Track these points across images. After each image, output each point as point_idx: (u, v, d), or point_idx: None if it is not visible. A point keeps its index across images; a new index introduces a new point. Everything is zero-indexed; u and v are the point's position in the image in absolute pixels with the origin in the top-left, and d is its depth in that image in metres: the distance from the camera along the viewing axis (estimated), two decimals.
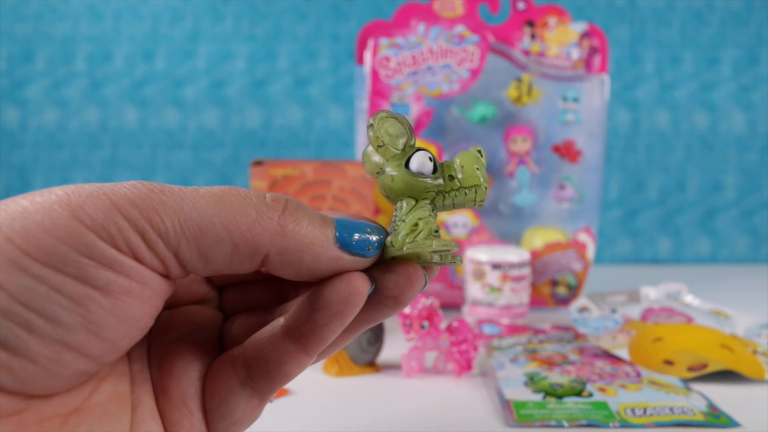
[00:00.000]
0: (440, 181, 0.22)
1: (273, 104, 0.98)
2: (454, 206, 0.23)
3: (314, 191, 0.57)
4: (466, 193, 0.22)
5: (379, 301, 0.21)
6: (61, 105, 0.96)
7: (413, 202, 0.22)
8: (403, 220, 0.22)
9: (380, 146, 0.22)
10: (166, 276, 0.19)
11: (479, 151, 0.22)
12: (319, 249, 0.20)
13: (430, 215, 0.22)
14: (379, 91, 0.64)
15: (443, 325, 0.45)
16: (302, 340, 0.21)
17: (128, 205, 0.18)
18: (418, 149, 0.22)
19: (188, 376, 0.22)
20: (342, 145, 0.98)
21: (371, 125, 0.22)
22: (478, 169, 0.22)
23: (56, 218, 0.17)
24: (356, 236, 0.21)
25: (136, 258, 0.18)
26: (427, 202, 0.22)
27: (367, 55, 0.64)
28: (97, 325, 0.18)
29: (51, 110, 0.96)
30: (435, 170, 0.22)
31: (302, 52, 0.98)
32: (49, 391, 0.18)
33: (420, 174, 0.22)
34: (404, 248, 0.21)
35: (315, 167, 0.57)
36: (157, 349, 0.23)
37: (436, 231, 0.22)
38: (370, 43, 0.64)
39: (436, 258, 0.22)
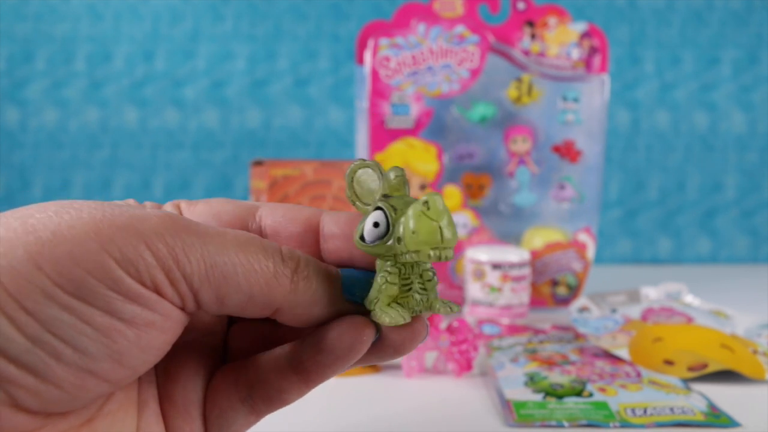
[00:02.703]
0: (391, 242, 0.21)
1: (273, 104, 0.98)
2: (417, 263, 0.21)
3: (314, 191, 0.57)
4: (415, 256, 0.20)
5: (380, 348, 0.22)
6: (61, 105, 0.96)
7: (380, 262, 0.21)
8: (376, 280, 0.21)
9: (353, 203, 0.22)
10: (182, 309, 0.20)
11: (425, 203, 0.20)
12: (326, 303, 0.21)
13: (388, 276, 0.21)
14: (379, 91, 0.64)
15: (443, 325, 0.45)
16: (304, 374, 0.22)
17: (158, 241, 0.19)
18: (377, 208, 0.21)
19: (193, 384, 0.23)
20: (342, 146, 0.98)
21: (347, 179, 0.22)
22: (414, 232, 0.20)
23: (87, 251, 0.18)
24: (361, 291, 0.22)
25: (159, 293, 0.19)
26: (390, 263, 0.21)
27: (367, 55, 0.64)
28: (120, 355, 0.19)
29: (51, 110, 0.96)
30: (388, 230, 0.21)
31: (302, 52, 0.98)
32: (68, 410, 0.19)
33: (372, 242, 0.21)
34: (373, 315, 0.21)
35: (315, 167, 0.57)
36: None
37: (413, 285, 0.21)
38: (370, 43, 0.64)
39: (439, 307, 0.22)
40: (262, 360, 0.23)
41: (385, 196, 0.21)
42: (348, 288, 0.22)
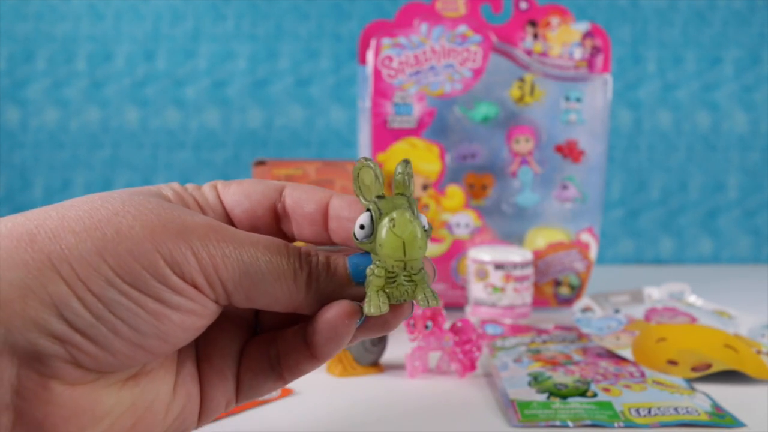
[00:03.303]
0: (373, 245, 0.23)
1: (274, 104, 0.98)
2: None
3: None
4: (383, 263, 0.23)
5: (367, 327, 0.25)
6: (61, 105, 0.96)
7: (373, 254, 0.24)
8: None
9: (358, 197, 0.24)
10: (216, 302, 0.24)
11: (392, 220, 0.22)
12: (336, 295, 0.25)
13: (375, 269, 0.24)
14: (381, 91, 0.64)
15: (447, 325, 0.45)
16: (312, 350, 0.26)
17: (202, 249, 0.23)
18: (367, 209, 0.24)
19: (229, 350, 0.27)
20: (344, 145, 0.98)
21: (353, 175, 0.24)
22: (380, 245, 0.23)
23: (143, 250, 0.22)
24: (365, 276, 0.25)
25: (198, 290, 0.23)
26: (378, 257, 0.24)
27: (370, 55, 0.64)
28: (166, 334, 0.23)
29: (52, 110, 0.96)
30: (372, 232, 0.23)
31: (304, 52, 0.98)
32: (117, 370, 0.23)
33: (361, 241, 0.24)
34: (365, 312, 0.24)
35: (318, 167, 0.57)
36: None
37: (398, 278, 0.23)
38: (373, 42, 0.64)
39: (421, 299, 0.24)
40: (286, 335, 0.27)
41: (378, 197, 0.24)
42: (355, 273, 0.24)
